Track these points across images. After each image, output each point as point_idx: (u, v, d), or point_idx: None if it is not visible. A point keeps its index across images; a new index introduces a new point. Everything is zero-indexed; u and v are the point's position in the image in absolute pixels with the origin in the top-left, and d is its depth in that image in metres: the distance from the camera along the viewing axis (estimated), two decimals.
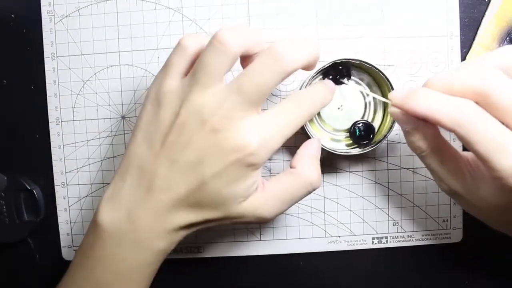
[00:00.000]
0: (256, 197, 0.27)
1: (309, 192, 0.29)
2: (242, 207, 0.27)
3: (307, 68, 0.28)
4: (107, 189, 0.28)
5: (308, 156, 0.30)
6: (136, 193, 0.27)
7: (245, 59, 0.27)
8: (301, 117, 0.27)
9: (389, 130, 0.32)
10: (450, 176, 0.26)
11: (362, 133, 0.33)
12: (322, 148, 0.32)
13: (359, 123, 0.33)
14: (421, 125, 0.26)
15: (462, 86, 0.24)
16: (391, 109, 0.26)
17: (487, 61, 0.25)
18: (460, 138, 0.23)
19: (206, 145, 0.25)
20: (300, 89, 0.32)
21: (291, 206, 0.29)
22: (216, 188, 0.26)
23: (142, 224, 0.26)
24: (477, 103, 0.24)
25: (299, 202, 0.30)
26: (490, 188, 0.25)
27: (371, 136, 0.33)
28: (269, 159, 0.36)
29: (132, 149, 0.27)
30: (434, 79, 0.25)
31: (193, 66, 0.26)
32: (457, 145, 0.35)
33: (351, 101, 0.34)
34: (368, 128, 0.33)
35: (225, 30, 0.25)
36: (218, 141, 0.25)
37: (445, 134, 0.27)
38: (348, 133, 0.34)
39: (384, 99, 0.30)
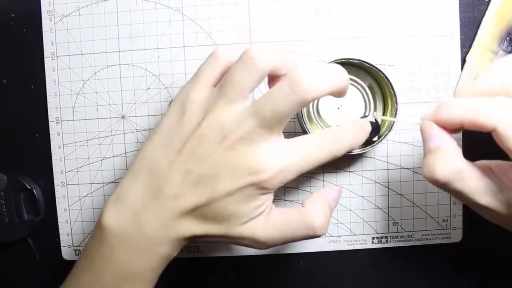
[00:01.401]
0: (259, 221, 0.27)
1: (310, 237, 0.28)
2: (243, 228, 0.26)
3: (334, 95, 0.27)
4: (115, 189, 0.28)
5: (322, 200, 0.29)
6: (144, 197, 0.26)
7: (273, 80, 0.27)
8: (323, 156, 0.26)
9: (389, 130, 0.32)
10: (475, 193, 0.25)
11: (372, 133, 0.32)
12: None
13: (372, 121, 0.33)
14: (447, 141, 0.24)
15: (490, 88, 0.24)
16: (423, 123, 0.25)
17: (507, 63, 0.25)
18: (498, 135, 0.22)
19: (222, 161, 0.25)
20: None
21: (290, 242, 0.28)
22: (223, 206, 0.26)
23: (147, 228, 0.26)
24: None
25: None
26: None
27: (379, 131, 0.32)
28: None
29: (147, 151, 0.27)
30: (460, 89, 0.25)
31: (222, 79, 0.26)
32: None
33: (351, 101, 0.34)
34: (376, 127, 0.32)
35: (256, 48, 0.25)
36: (236, 160, 0.25)
37: None
38: None
39: (392, 119, 0.31)
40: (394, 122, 0.32)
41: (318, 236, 0.28)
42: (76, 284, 0.28)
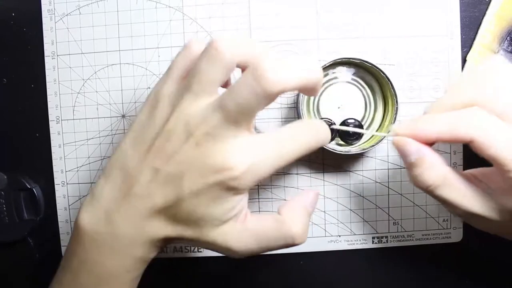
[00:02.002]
0: (233, 227, 0.25)
1: (289, 245, 0.26)
2: (216, 233, 0.25)
3: (305, 92, 0.26)
4: (90, 189, 0.27)
5: (299, 207, 0.27)
6: (115, 196, 0.26)
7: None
8: (297, 150, 0.25)
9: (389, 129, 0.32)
10: (464, 200, 0.25)
11: (351, 132, 0.33)
12: (322, 148, 0.32)
13: (350, 120, 0.33)
14: (427, 152, 0.25)
15: (460, 101, 0.24)
16: (395, 139, 0.25)
17: (476, 74, 0.25)
18: (477, 145, 0.23)
19: (188, 159, 0.24)
20: (298, 98, 0.32)
21: (266, 251, 0.27)
22: (192, 206, 0.24)
23: (119, 229, 0.26)
24: None
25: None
26: (507, 196, 0.24)
27: (360, 134, 0.33)
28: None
29: (121, 149, 0.26)
30: (431, 105, 0.25)
31: (189, 72, 0.25)
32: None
33: (351, 101, 0.34)
34: (358, 127, 0.33)
35: (222, 38, 0.23)
36: (201, 158, 0.24)
37: None
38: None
39: (383, 134, 0.31)
40: (395, 120, 0.32)
41: (297, 245, 0.27)
42: (58, 285, 0.28)
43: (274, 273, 0.37)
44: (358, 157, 0.36)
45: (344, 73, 0.34)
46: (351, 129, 0.32)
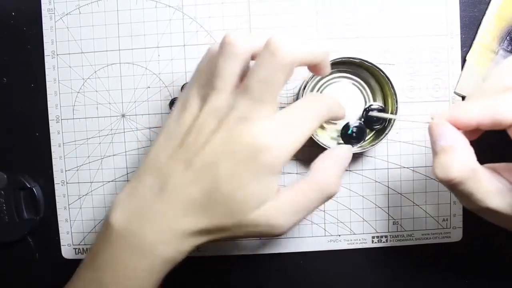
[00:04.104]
0: (271, 205, 0.26)
1: (325, 196, 0.27)
2: (256, 214, 0.25)
3: (315, 69, 0.27)
4: (123, 189, 0.27)
5: (333, 158, 0.28)
6: (149, 194, 0.26)
7: None
8: (318, 116, 0.26)
9: (389, 128, 0.32)
10: (487, 196, 0.24)
11: (354, 134, 0.33)
12: (322, 147, 0.32)
13: (354, 124, 0.33)
14: (461, 140, 0.24)
15: (499, 87, 0.24)
16: (432, 124, 0.24)
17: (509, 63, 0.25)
18: None
19: (221, 145, 0.25)
20: (304, 87, 0.32)
21: (307, 215, 0.27)
22: (229, 190, 0.25)
23: (150, 226, 0.26)
24: None
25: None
26: None
27: (363, 137, 0.33)
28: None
29: (153, 152, 0.27)
30: (471, 92, 0.25)
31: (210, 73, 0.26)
32: None
33: (351, 100, 0.34)
34: (360, 131, 0.33)
35: (233, 33, 0.25)
36: (233, 141, 0.25)
37: None
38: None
39: (393, 117, 0.31)
40: (395, 121, 0.32)
41: (332, 196, 0.27)
42: (78, 282, 0.28)
43: (274, 273, 0.37)
44: (358, 156, 0.36)
45: (344, 73, 0.34)
46: (379, 114, 0.33)
